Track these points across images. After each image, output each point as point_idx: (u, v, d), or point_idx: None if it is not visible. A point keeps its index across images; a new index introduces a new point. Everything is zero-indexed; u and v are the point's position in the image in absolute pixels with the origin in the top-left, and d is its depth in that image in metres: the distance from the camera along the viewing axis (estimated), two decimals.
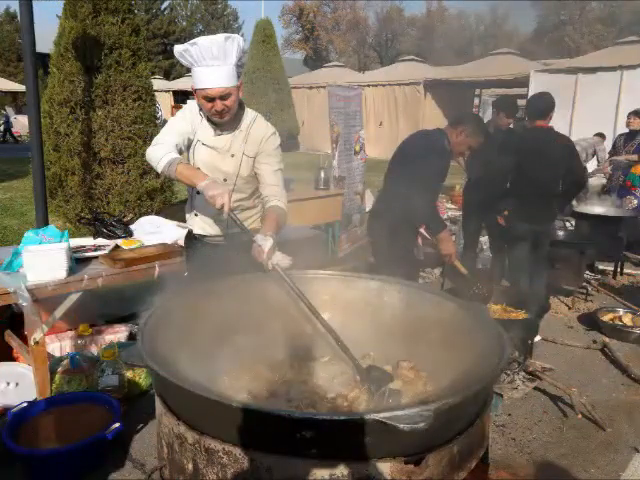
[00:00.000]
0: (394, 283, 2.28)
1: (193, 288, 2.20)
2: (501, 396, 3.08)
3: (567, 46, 32.46)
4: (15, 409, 2.47)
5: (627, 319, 4.27)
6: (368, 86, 17.36)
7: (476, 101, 19.53)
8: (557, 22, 36.13)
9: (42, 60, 10.63)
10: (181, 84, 24.40)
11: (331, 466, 1.35)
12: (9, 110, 21.40)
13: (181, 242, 3.12)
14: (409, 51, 29.05)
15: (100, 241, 3.36)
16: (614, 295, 5.06)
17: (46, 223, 3.61)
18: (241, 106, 2.38)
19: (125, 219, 3.75)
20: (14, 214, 7.81)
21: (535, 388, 3.28)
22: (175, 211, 5.64)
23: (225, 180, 2.39)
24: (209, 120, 2.35)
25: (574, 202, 6.00)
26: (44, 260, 2.67)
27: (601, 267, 5.77)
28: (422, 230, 4.77)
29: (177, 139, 2.29)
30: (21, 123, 19.61)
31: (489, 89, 18.69)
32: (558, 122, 5.17)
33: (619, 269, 5.71)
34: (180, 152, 2.29)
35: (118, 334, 3.50)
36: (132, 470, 2.45)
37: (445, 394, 1.53)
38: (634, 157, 6.72)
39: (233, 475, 1.41)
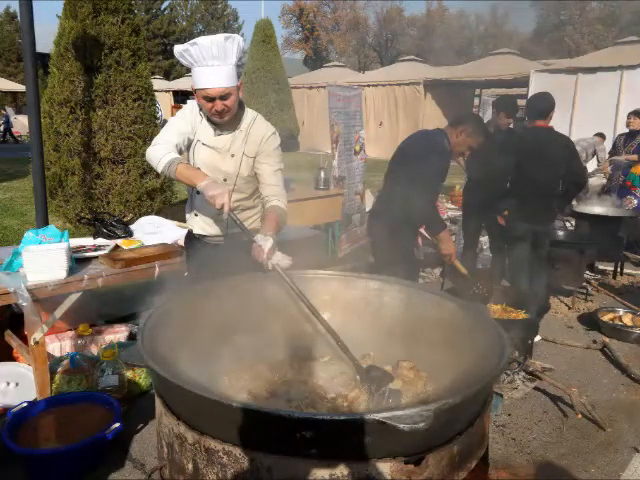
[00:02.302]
0: (394, 283, 2.28)
1: (193, 288, 2.20)
2: (501, 396, 3.08)
3: (567, 46, 32.48)
4: (15, 409, 2.47)
5: (627, 319, 4.27)
6: (368, 86, 17.36)
7: (476, 101, 19.52)
8: (557, 22, 36.14)
9: (42, 60, 10.65)
10: (181, 84, 24.41)
11: (331, 466, 1.35)
12: (9, 110, 21.38)
13: (181, 242, 3.12)
14: (409, 51, 29.07)
15: (100, 241, 3.36)
16: (614, 295, 5.05)
17: (46, 223, 3.61)
18: (241, 106, 2.38)
19: (125, 219, 3.75)
20: (14, 214, 7.81)
21: (535, 388, 3.28)
22: (175, 211, 5.65)
23: (225, 180, 2.39)
24: (209, 120, 2.35)
25: (574, 202, 6.00)
26: (44, 260, 2.67)
27: (601, 267, 5.77)
28: (422, 230, 4.77)
29: (177, 139, 2.29)
30: (21, 123, 19.60)
31: (489, 89, 18.68)
32: (558, 122, 5.17)
33: (619, 269, 5.71)
34: (180, 152, 2.29)
35: (118, 334, 3.50)
36: (132, 470, 2.45)
37: (445, 394, 1.53)
38: (634, 157, 6.72)
39: (233, 475, 1.41)
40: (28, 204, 8.08)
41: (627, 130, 6.94)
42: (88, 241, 3.36)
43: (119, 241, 3.33)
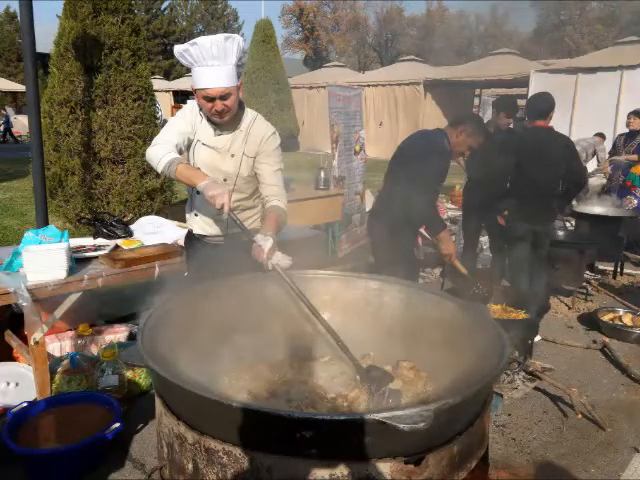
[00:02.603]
0: (394, 283, 2.28)
1: (193, 288, 2.20)
2: (501, 396, 3.08)
3: (567, 46, 32.49)
4: (15, 409, 2.47)
5: (627, 319, 4.27)
6: (368, 86, 17.36)
7: (476, 101, 19.53)
8: (557, 22, 36.15)
9: (42, 60, 10.64)
10: (181, 84, 24.41)
11: (331, 466, 1.35)
12: (9, 110, 21.38)
13: (181, 242, 3.12)
14: (409, 51, 29.10)
15: (100, 241, 3.36)
16: (614, 295, 5.05)
17: (46, 223, 3.61)
18: (241, 106, 2.38)
19: (125, 219, 3.75)
20: (14, 214, 7.81)
21: (535, 388, 3.28)
22: (175, 211, 5.65)
23: (225, 180, 2.39)
24: (209, 120, 2.35)
25: (574, 202, 6.00)
26: (44, 260, 2.67)
27: (601, 267, 5.77)
28: (422, 230, 4.77)
29: (177, 139, 2.29)
30: (21, 123, 19.60)
31: (489, 89, 18.69)
32: (558, 122, 5.17)
33: (619, 269, 5.71)
34: (180, 152, 2.29)
35: (118, 334, 3.50)
36: (132, 470, 2.45)
37: (445, 394, 1.53)
38: (634, 157, 6.72)
39: (233, 475, 1.41)
40: (28, 204, 8.08)
41: (627, 130, 6.94)
42: (88, 241, 3.36)
43: (119, 241, 3.33)
